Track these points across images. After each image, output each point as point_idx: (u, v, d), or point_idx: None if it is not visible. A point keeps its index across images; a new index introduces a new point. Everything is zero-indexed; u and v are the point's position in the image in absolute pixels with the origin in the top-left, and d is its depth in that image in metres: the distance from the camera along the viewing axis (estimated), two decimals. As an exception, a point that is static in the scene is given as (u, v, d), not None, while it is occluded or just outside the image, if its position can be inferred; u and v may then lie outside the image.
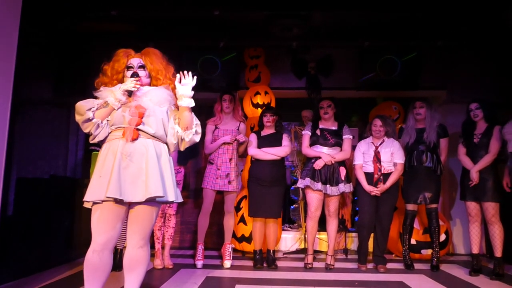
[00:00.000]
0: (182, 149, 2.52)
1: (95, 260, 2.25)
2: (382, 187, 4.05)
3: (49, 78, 4.16)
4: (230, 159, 4.19)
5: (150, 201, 2.33)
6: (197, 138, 2.51)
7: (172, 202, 2.47)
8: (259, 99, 5.16)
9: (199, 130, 2.50)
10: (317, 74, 5.36)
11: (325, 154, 4.12)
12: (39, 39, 3.85)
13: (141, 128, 2.36)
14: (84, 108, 2.31)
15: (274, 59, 5.49)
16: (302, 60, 5.40)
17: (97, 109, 2.34)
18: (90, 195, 2.25)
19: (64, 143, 2.48)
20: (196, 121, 2.49)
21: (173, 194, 2.39)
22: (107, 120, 2.38)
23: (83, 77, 3.24)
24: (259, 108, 5.05)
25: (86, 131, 2.37)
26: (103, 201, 2.25)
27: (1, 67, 2.74)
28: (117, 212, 2.29)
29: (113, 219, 2.28)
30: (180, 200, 2.52)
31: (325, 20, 4.69)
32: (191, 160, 4.60)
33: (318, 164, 4.09)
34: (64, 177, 2.37)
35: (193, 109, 2.47)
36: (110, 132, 2.39)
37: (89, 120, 2.32)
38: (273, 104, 5.15)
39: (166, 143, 2.48)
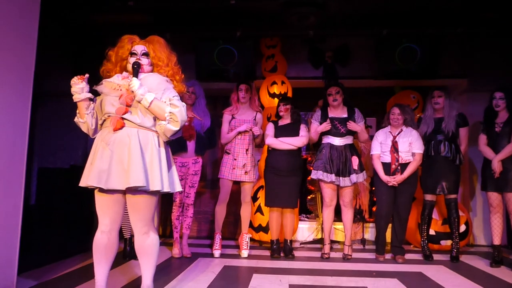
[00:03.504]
0: (164, 139, 2.47)
1: (104, 240, 2.39)
2: (399, 177, 4.00)
3: (67, 70, 4.19)
4: (247, 150, 4.20)
5: (142, 190, 2.37)
6: (173, 127, 2.39)
7: (167, 192, 2.47)
8: (275, 89, 5.13)
9: (175, 117, 2.38)
10: (334, 63, 5.30)
11: (354, 124, 4.09)
12: (57, 31, 3.89)
13: (127, 117, 2.38)
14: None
15: (291, 49, 5.43)
16: (319, 49, 5.33)
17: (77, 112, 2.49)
18: (82, 181, 2.37)
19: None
20: (170, 109, 2.38)
21: (159, 184, 2.35)
22: (93, 111, 2.49)
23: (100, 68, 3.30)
24: (276, 98, 5.01)
25: (86, 132, 2.56)
26: (96, 187, 2.34)
27: (22, 60, 2.78)
28: (113, 197, 2.39)
29: (112, 203, 2.39)
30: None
31: (342, 8, 4.60)
32: (208, 151, 4.61)
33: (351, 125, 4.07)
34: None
35: (209, 99, 2.46)
36: (105, 120, 2.45)
37: (79, 123, 2.52)
38: (290, 94, 5.11)
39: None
